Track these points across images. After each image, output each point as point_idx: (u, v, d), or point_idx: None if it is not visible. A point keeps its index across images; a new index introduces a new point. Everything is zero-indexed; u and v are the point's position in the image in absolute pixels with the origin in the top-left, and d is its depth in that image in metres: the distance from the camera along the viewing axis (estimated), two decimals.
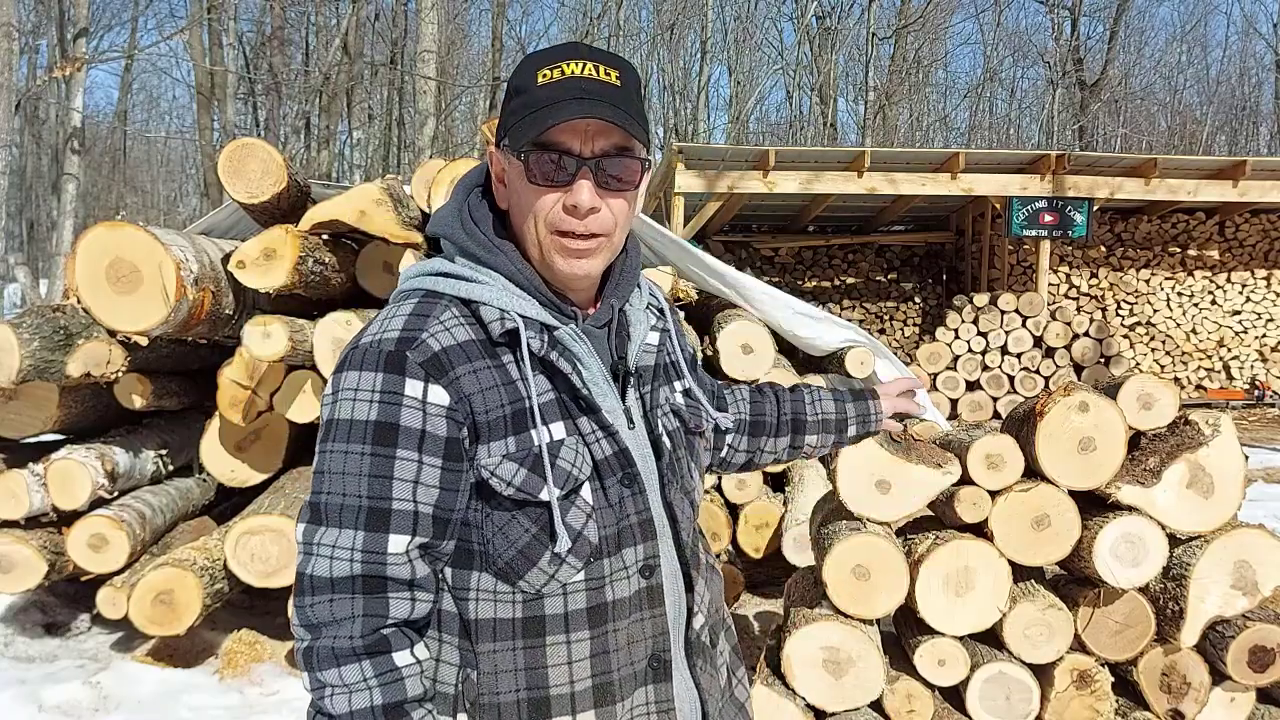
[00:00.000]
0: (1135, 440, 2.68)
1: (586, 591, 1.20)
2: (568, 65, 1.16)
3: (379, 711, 1.11)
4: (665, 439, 1.29)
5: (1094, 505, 2.68)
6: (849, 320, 9.92)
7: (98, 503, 4.11)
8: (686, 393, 1.40)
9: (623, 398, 1.27)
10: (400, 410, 1.12)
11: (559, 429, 1.19)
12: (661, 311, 1.39)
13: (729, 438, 1.62)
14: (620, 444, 1.22)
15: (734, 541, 4.47)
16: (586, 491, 1.20)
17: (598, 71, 1.17)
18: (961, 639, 2.65)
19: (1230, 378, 13.30)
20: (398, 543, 1.13)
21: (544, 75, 1.17)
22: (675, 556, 1.29)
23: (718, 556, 4.46)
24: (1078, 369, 11.22)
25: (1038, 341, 11.27)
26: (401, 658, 1.13)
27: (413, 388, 1.13)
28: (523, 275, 1.21)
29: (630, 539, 1.22)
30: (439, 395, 1.13)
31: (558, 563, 1.18)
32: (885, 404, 1.80)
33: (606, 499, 1.21)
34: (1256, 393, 13.01)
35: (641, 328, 1.31)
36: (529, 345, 1.17)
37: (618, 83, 1.17)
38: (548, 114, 1.14)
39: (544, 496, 1.16)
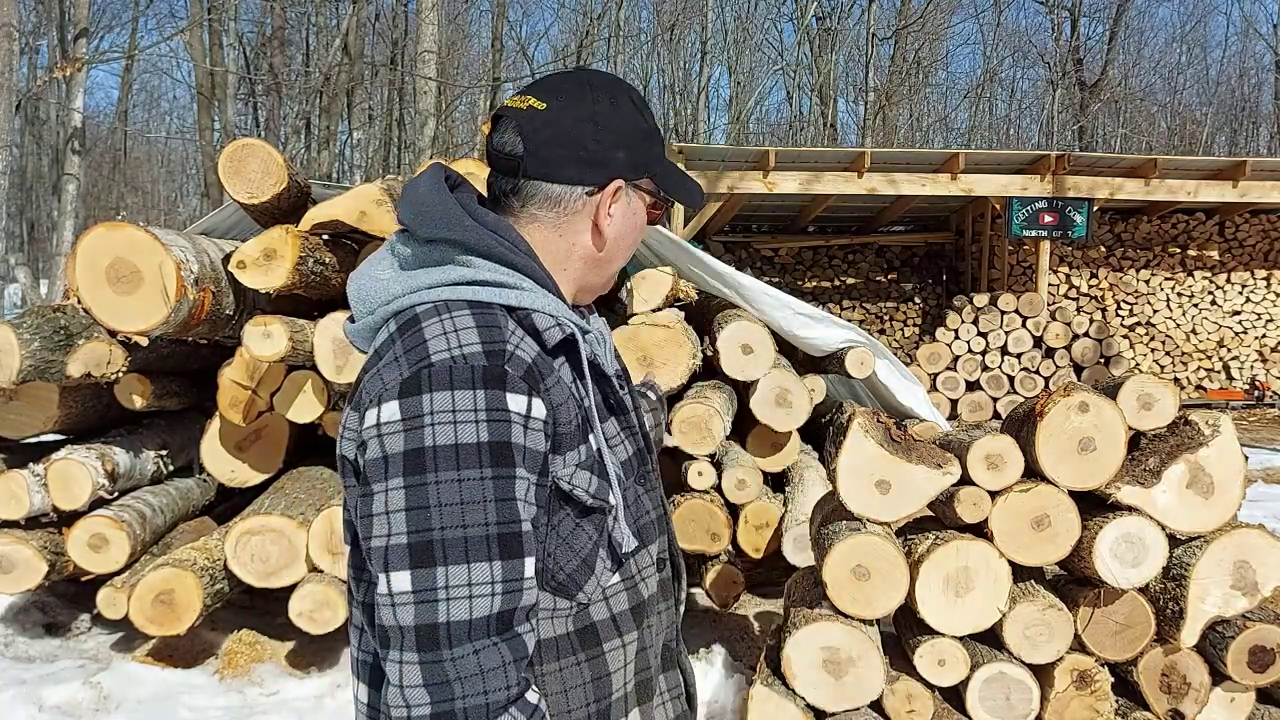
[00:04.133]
0: (1135, 440, 2.69)
1: (625, 592, 1.19)
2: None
3: None
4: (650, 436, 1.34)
5: (1094, 505, 2.68)
6: (849, 320, 9.92)
7: (98, 503, 4.11)
8: None
9: None
10: (510, 427, 1.04)
11: (605, 431, 1.21)
12: None
13: None
14: (639, 443, 1.25)
15: (734, 541, 4.46)
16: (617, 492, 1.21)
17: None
18: (961, 639, 2.65)
19: (1230, 378, 13.30)
20: (531, 566, 1.06)
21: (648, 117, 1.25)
22: (673, 548, 1.34)
23: (717, 557, 4.46)
24: (1078, 369, 11.22)
25: (1038, 342, 11.26)
26: (533, 694, 1.06)
27: (516, 403, 1.05)
28: (549, 280, 1.17)
29: (651, 534, 1.24)
30: (539, 409, 1.07)
31: (617, 566, 1.17)
32: None
33: (634, 497, 1.22)
34: (1256, 393, 13.00)
35: (607, 331, 1.30)
36: (584, 351, 1.15)
37: None
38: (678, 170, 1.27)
39: (612, 500, 1.15)
